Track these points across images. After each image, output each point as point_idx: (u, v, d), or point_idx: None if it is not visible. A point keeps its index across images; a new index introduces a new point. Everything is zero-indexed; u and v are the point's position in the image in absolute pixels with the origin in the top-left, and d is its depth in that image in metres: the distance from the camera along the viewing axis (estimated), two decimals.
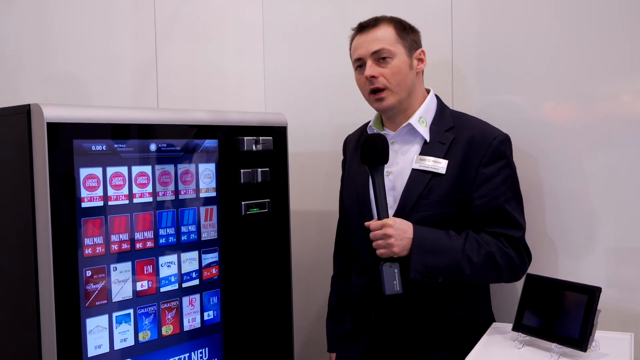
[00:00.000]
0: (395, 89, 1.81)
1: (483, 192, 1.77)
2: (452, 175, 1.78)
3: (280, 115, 2.09)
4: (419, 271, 1.71)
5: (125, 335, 1.68)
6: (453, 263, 1.72)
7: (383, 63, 1.80)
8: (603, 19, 1.89)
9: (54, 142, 1.52)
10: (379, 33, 1.81)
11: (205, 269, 1.85)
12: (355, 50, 1.85)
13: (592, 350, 1.58)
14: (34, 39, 2.87)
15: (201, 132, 1.84)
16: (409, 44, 1.83)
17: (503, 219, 1.77)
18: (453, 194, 1.78)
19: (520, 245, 1.79)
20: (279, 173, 2.05)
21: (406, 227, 1.73)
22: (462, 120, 1.86)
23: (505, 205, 1.77)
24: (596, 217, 1.92)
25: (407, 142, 1.86)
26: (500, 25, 2.06)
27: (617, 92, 1.89)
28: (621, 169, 1.88)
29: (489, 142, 1.79)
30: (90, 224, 1.60)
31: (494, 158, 1.78)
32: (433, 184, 1.78)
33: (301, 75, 2.39)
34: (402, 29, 1.83)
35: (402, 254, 1.72)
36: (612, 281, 1.90)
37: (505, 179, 1.79)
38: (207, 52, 2.62)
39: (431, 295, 1.80)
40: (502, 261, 1.75)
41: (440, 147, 1.81)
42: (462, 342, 1.81)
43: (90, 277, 1.60)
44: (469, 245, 1.73)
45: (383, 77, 1.80)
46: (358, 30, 1.86)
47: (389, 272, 1.70)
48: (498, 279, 1.82)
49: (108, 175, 1.63)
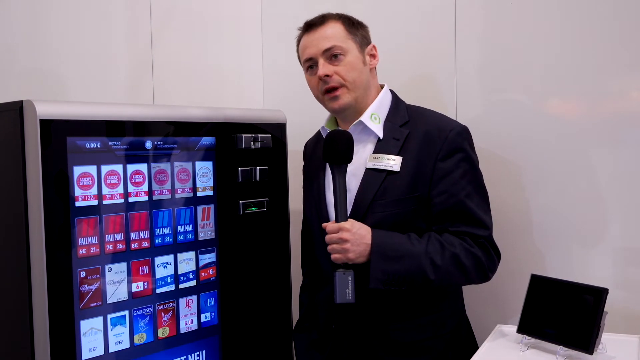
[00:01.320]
0: (351, 86, 1.75)
1: (442, 189, 1.70)
2: (407, 173, 1.71)
3: (279, 112, 2.07)
4: (379, 279, 1.64)
5: (120, 337, 1.66)
6: (416, 268, 1.65)
7: (335, 61, 1.75)
8: (608, 16, 1.88)
9: (47, 139, 1.50)
10: (328, 30, 1.76)
11: (203, 270, 1.84)
12: (305, 49, 1.80)
13: (598, 353, 1.56)
14: (26, 34, 2.84)
15: (198, 129, 1.82)
16: (360, 40, 1.78)
17: (465, 217, 1.70)
18: (409, 192, 1.71)
19: (487, 243, 1.72)
20: (278, 171, 2.03)
21: (364, 232, 1.66)
22: (417, 114, 1.80)
23: (466, 201, 1.70)
24: (603, 216, 1.91)
25: (360, 141, 1.78)
26: (504, 23, 2.04)
27: (624, 89, 1.89)
28: (628, 167, 1.87)
29: (445, 134, 1.71)
30: (85, 223, 1.58)
31: (451, 151, 1.71)
32: (388, 182, 1.72)
33: (300, 71, 2.36)
34: (350, 25, 1.78)
35: (358, 260, 1.65)
36: (619, 282, 1.88)
37: (465, 173, 1.72)
38: (205, 47, 2.61)
39: (393, 302, 1.73)
40: (469, 262, 1.68)
41: (395, 144, 1.74)
42: (431, 351, 1.75)
43: (85, 278, 1.59)
44: (432, 247, 1.66)
45: (337, 74, 1.74)
46: (305, 29, 1.81)
47: (342, 279, 1.61)
48: (466, 281, 1.75)
49: (102, 173, 1.62)
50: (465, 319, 1.90)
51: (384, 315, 1.75)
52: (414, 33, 2.17)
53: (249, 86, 2.54)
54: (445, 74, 2.11)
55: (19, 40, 2.85)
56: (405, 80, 2.12)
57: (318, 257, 1.89)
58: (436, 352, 1.75)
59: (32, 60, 2.84)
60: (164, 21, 2.65)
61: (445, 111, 1.94)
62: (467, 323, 1.90)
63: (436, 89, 2.14)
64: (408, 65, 2.17)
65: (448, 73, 2.12)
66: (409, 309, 1.74)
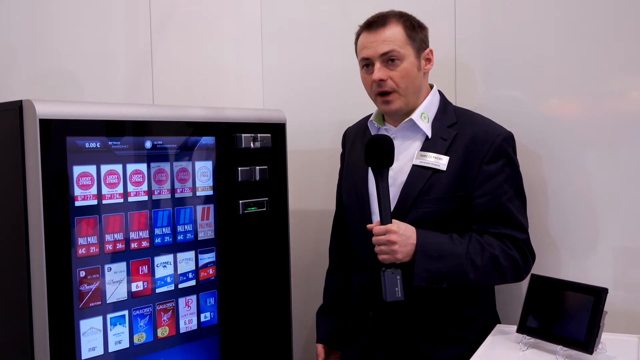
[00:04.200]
0: (404, 92, 1.78)
1: (485, 190, 1.75)
2: (453, 172, 1.76)
3: (278, 111, 2.07)
4: (423, 277, 1.70)
5: (120, 337, 1.66)
6: (457, 268, 1.71)
7: (392, 65, 1.76)
8: (609, 15, 1.88)
9: (46, 139, 1.50)
10: (388, 33, 1.76)
11: (202, 270, 1.83)
12: (363, 49, 1.81)
13: (598, 352, 1.56)
14: (26, 33, 2.84)
15: (198, 129, 1.82)
16: (418, 45, 1.80)
17: (506, 219, 1.76)
18: (453, 191, 1.76)
19: (524, 246, 1.78)
20: (278, 171, 2.03)
21: (410, 233, 1.71)
22: (465, 117, 1.84)
23: (507, 204, 1.76)
24: (603, 216, 1.91)
25: (408, 138, 1.83)
26: (503, 20, 2.04)
27: (624, 88, 1.88)
28: (628, 167, 1.87)
29: (492, 139, 1.77)
30: (84, 223, 1.58)
31: (497, 156, 1.76)
32: (433, 180, 1.76)
33: (300, 71, 2.37)
34: (411, 28, 1.79)
35: (405, 260, 1.70)
36: (619, 282, 1.88)
37: (508, 177, 1.77)
38: (204, 46, 2.60)
39: (431, 297, 1.78)
40: (506, 263, 1.74)
41: (442, 143, 1.79)
42: (464, 342, 1.79)
43: (84, 278, 1.58)
44: (473, 248, 1.72)
45: (392, 80, 1.77)
46: (365, 27, 1.81)
47: (391, 278, 1.67)
48: (502, 281, 1.82)
49: (102, 173, 1.61)
50: (496, 314, 1.94)
51: (419, 307, 1.79)
52: None
53: (248, 86, 2.53)
54: (445, 74, 2.11)
55: (19, 40, 2.85)
56: None
57: (356, 248, 1.94)
58: (468, 343, 1.79)
59: (32, 60, 2.84)
60: (164, 21, 2.65)
61: None
62: (498, 318, 1.93)
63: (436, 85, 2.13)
64: None
65: (448, 73, 2.11)
66: (443, 303, 1.79)
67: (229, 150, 1.89)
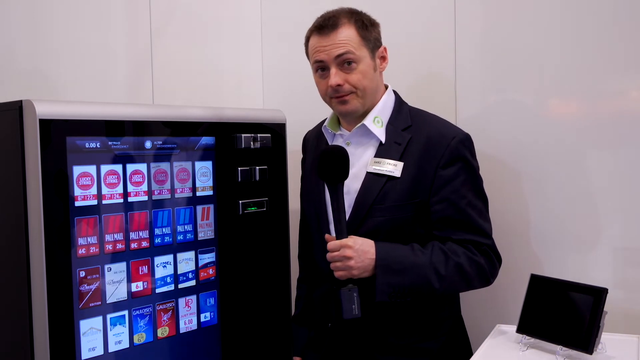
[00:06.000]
0: (361, 93, 1.73)
1: (442, 196, 1.70)
2: (408, 178, 1.70)
3: (278, 111, 2.07)
4: (385, 292, 1.65)
5: (119, 337, 1.66)
6: (421, 279, 1.65)
7: (347, 69, 1.71)
8: (609, 16, 1.87)
9: (46, 139, 1.50)
10: (341, 35, 1.70)
11: (202, 270, 1.83)
12: (315, 52, 1.74)
13: (598, 352, 1.56)
14: (26, 34, 2.83)
15: (198, 129, 1.81)
16: (372, 44, 1.74)
17: (467, 225, 1.71)
18: (409, 198, 1.70)
19: (489, 250, 1.73)
20: (278, 171, 2.03)
21: (367, 247, 1.65)
22: (419, 118, 1.78)
23: (467, 209, 1.70)
24: (603, 216, 1.90)
25: (362, 144, 1.78)
26: (504, 23, 2.03)
27: (625, 89, 1.88)
28: (628, 167, 1.87)
29: (447, 142, 1.70)
30: (84, 223, 1.58)
31: (453, 159, 1.70)
32: (388, 188, 1.71)
33: (300, 71, 2.35)
34: (364, 28, 1.72)
35: (363, 275, 1.65)
36: (618, 282, 1.88)
37: (465, 181, 1.71)
38: (204, 47, 2.60)
39: (392, 310, 1.73)
40: (472, 270, 1.69)
41: (396, 148, 1.73)
42: (427, 353, 1.75)
43: (84, 278, 1.58)
44: (436, 257, 1.67)
45: (348, 83, 1.71)
46: (316, 30, 1.74)
47: (347, 296, 1.62)
48: (468, 288, 1.76)
49: (102, 173, 1.61)
50: (461, 320, 1.90)
51: (380, 320, 1.75)
52: (413, 33, 2.17)
53: (248, 86, 2.53)
54: (445, 74, 2.11)
55: (19, 40, 2.85)
56: (404, 81, 2.12)
57: (316, 257, 1.89)
58: (431, 354, 1.76)
59: (32, 60, 2.83)
60: (164, 21, 2.64)
61: (445, 111, 1.93)
62: (462, 325, 1.90)
63: (435, 89, 2.13)
64: (407, 66, 2.16)
65: (448, 73, 2.11)
66: (405, 315, 1.75)
67: (229, 150, 1.89)
